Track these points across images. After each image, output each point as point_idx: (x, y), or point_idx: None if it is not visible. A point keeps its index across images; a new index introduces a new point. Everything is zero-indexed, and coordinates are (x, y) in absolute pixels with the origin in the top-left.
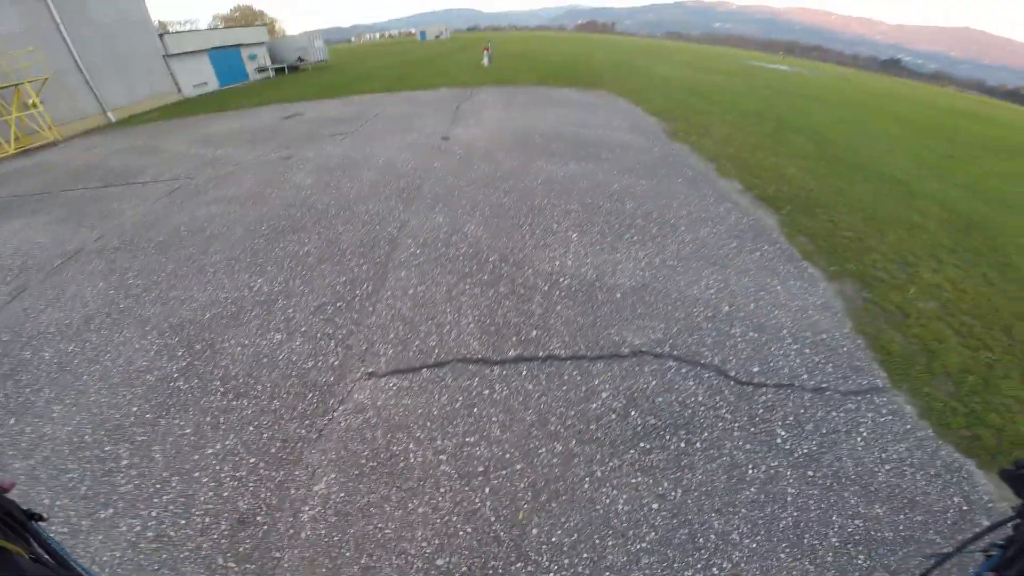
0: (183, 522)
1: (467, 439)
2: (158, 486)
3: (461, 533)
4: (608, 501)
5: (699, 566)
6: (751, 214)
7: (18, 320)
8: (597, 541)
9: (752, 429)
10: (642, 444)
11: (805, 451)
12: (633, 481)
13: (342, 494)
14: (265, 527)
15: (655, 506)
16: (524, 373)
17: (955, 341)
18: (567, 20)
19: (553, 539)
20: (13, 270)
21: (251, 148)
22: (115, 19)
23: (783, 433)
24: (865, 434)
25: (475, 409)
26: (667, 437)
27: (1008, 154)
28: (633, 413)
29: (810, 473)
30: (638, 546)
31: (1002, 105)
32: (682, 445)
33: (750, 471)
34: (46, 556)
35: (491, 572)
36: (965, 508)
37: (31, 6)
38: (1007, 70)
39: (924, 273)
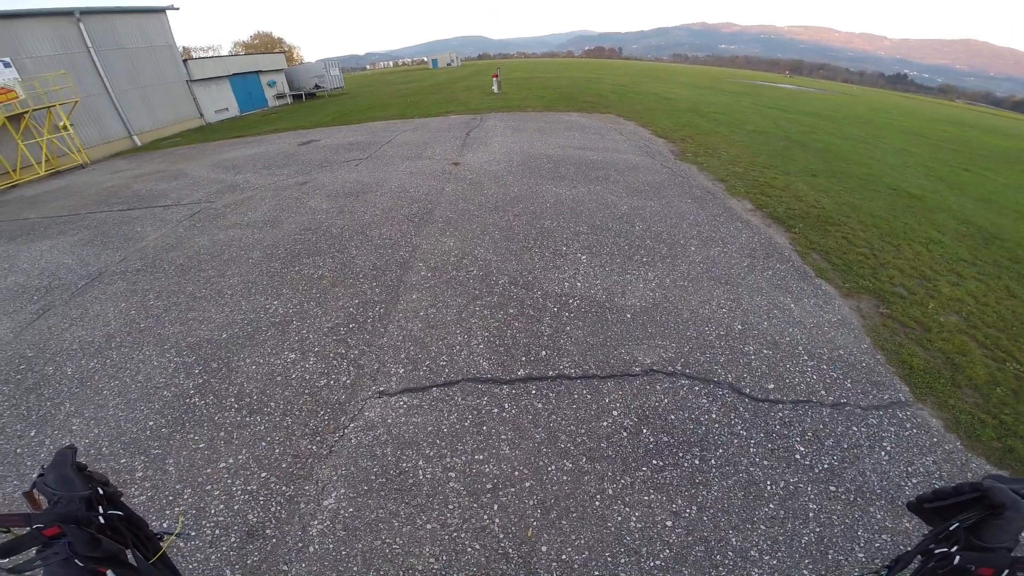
0: (193, 533)
1: (476, 456)
2: (171, 498)
3: (469, 550)
4: (620, 519)
5: None
6: (762, 233)
7: (43, 337)
8: (609, 559)
9: (769, 445)
10: (655, 461)
11: (826, 466)
12: (646, 499)
13: (351, 509)
14: (274, 540)
15: (669, 523)
16: (534, 392)
17: (980, 354)
18: (575, 46)
19: (563, 556)
20: (40, 290)
21: (269, 173)
22: (142, 45)
23: (802, 449)
24: (889, 448)
25: (484, 427)
26: (680, 454)
27: (1023, 166)
28: (645, 431)
29: (832, 488)
30: (652, 563)
31: (1012, 116)
32: (696, 462)
33: (768, 487)
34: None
35: None
36: None
37: (64, 30)
38: (1014, 80)
39: (944, 287)
